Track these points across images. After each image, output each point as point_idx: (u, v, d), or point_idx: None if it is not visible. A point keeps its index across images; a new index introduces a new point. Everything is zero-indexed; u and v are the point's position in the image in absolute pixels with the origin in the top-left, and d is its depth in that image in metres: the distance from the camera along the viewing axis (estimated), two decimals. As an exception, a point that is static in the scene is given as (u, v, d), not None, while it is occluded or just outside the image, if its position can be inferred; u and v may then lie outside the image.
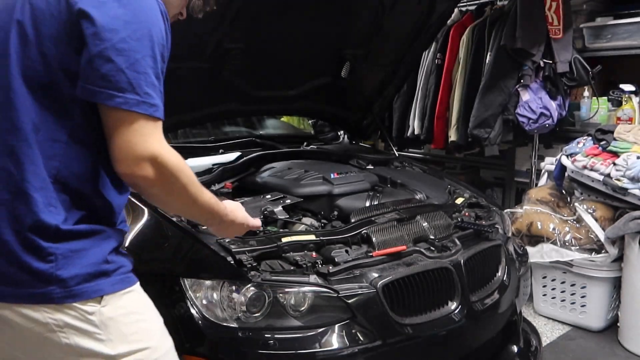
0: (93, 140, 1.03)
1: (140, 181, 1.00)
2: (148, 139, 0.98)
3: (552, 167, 3.04)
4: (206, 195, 1.14)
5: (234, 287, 1.47)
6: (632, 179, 2.54)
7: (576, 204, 2.84)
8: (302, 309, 1.48)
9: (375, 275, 1.57)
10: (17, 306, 0.98)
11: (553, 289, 2.93)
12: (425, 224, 1.83)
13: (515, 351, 1.99)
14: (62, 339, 0.99)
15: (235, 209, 1.30)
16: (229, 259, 1.51)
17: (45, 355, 1.02)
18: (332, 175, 2.10)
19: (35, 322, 0.98)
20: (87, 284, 1.00)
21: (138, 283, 1.13)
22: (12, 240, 0.96)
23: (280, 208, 1.55)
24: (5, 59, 0.99)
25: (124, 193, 1.13)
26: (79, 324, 1.00)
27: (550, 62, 3.08)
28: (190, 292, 1.48)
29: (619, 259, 2.68)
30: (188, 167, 1.06)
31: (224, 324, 1.45)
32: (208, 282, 1.49)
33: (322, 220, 1.96)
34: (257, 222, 1.40)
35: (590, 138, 2.86)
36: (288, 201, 1.56)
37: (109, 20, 0.96)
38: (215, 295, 1.48)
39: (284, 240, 1.61)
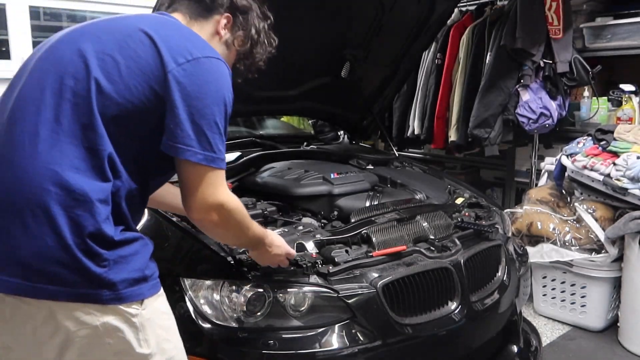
0: (150, 167, 1.18)
1: (207, 224, 1.18)
2: (218, 189, 1.14)
3: (552, 167, 3.04)
4: (255, 227, 1.31)
5: (234, 287, 1.47)
6: (632, 179, 2.54)
7: (576, 204, 2.84)
8: (302, 309, 1.48)
9: (375, 275, 1.58)
10: (67, 305, 1.03)
11: (553, 289, 2.93)
12: (425, 224, 1.83)
13: (515, 351, 1.99)
14: (106, 340, 1.07)
15: (277, 239, 1.42)
16: (229, 259, 1.51)
17: (90, 357, 1.08)
18: (332, 175, 2.10)
19: (85, 325, 1.05)
20: (132, 287, 1.08)
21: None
22: (73, 244, 1.02)
23: (311, 243, 1.56)
24: (89, 100, 1.08)
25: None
26: (123, 325, 1.08)
27: (550, 62, 3.07)
28: (190, 292, 1.48)
29: (619, 259, 2.68)
30: (242, 206, 1.23)
31: (224, 324, 1.45)
32: (208, 282, 1.49)
33: (322, 220, 1.96)
34: (294, 251, 1.49)
35: (590, 138, 2.86)
36: (318, 236, 1.58)
37: (197, 89, 1.11)
38: (215, 295, 1.48)
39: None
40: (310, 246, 1.55)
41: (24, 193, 1.02)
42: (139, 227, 1.70)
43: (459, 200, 2.17)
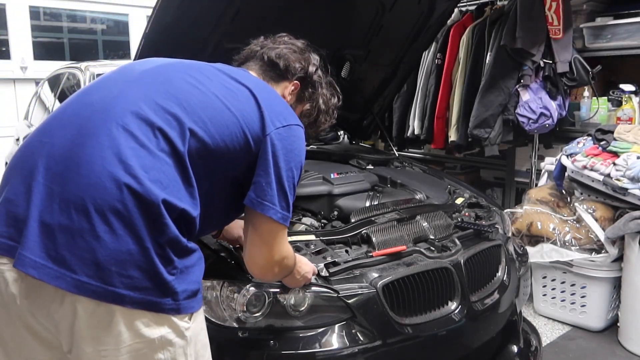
0: (224, 198, 1.25)
1: (268, 276, 1.33)
2: (285, 245, 1.26)
3: (552, 167, 3.04)
4: (296, 263, 1.39)
5: (234, 287, 1.47)
6: (632, 179, 2.54)
7: (576, 204, 2.84)
8: (302, 309, 1.48)
9: (375, 275, 1.58)
10: (132, 312, 1.03)
11: (553, 289, 2.93)
12: (425, 224, 1.83)
13: (515, 351, 1.99)
14: (158, 354, 1.07)
15: (304, 262, 1.46)
16: (229, 259, 1.51)
17: None
18: (332, 175, 2.10)
19: (142, 337, 1.05)
20: (189, 300, 1.10)
21: None
22: (151, 248, 1.03)
23: (322, 266, 1.56)
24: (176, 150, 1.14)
25: None
26: (176, 339, 1.09)
27: (550, 62, 3.08)
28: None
29: (619, 259, 2.68)
30: (293, 253, 1.34)
31: (224, 324, 1.45)
32: (208, 282, 1.49)
33: (322, 220, 1.96)
34: (316, 268, 1.52)
35: (590, 138, 2.86)
36: (329, 258, 1.57)
37: (287, 153, 1.21)
38: (215, 295, 1.48)
39: (284, 240, 1.61)
40: (320, 268, 1.53)
41: (108, 192, 1.02)
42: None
43: (459, 200, 2.18)
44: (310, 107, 1.46)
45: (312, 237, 1.67)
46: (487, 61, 3.21)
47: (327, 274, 1.53)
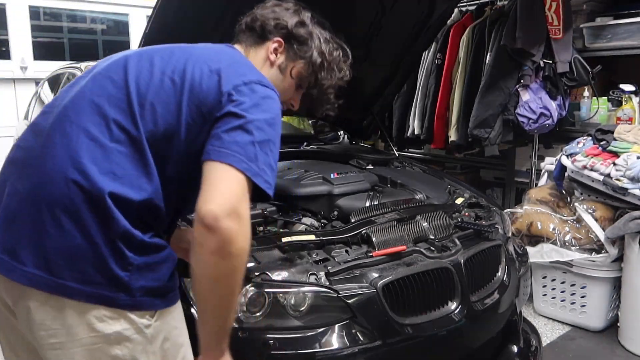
0: (187, 180, 1.15)
1: (221, 231, 1.00)
2: (246, 202, 1.06)
3: (552, 167, 3.04)
4: (235, 309, 1.18)
5: (234, 287, 1.47)
6: (632, 179, 2.54)
7: (576, 204, 2.84)
8: (302, 309, 1.48)
9: (375, 275, 1.57)
10: (83, 306, 1.03)
11: (553, 289, 2.93)
12: (425, 224, 1.83)
13: (515, 351, 1.99)
14: (115, 350, 1.06)
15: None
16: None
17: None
18: (332, 175, 2.10)
19: (96, 332, 1.04)
20: (148, 297, 1.08)
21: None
22: (101, 243, 1.03)
23: (322, 274, 1.54)
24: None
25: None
26: (134, 335, 1.07)
27: (550, 62, 3.08)
28: (190, 292, 1.48)
29: (619, 259, 2.68)
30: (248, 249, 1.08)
31: (224, 324, 1.45)
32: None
33: (322, 220, 1.96)
34: None
35: (590, 138, 2.86)
36: (330, 267, 1.56)
37: (252, 105, 1.11)
38: (215, 295, 1.47)
39: (284, 240, 1.61)
40: (320, 275, 1.53)
41: (57, 189, 1.04)
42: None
43: (459, 200, 2.18)
44: (305, 64, 1.36)
45: (312, 237, 1.67)
46: (487, 61, 3.21)
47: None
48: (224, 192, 1.03)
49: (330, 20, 2.45)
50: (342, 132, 3.22)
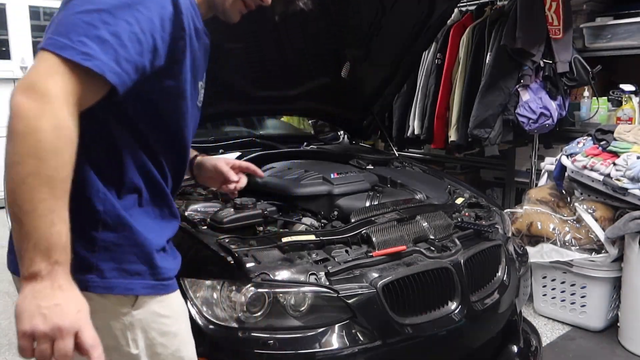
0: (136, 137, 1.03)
1: (12, 108, 0.81)
2: (55, 82, 0.83)
3: (552, 167, 3.04)
4: (62, 216, 0.84)
5: (234, 287, 1.47)
6: (632, 179, 2.54)
7: (576, 204, 2.84)
8: (302, 309, 1.48)
9: (375, 275, 1.57)
10: None
11: (553, 289, 2.93)
12: (425, 224, 1.83)
13: (515, 351, 1.99)
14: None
15: (74, 296, 0.87)
16: (229, 259, 1.51)
17: None
18: (332, 175, 2.10)
19: None
20: (121, 279, 1.00)
21: (177, 291, 1.14)
22: (71, 220, 0.87)
23: (322, 274, 1.53)
24: None
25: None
26: (113, 322, 1.02)
27: (550, 62, 3.08)
28: (190, 292, 1.48)
29: (619, 259, 2.68)
30: (67, 152, 0.84)
31: (224, 324, 1.45)
32: (208, 282, 1.49)
33: (322, 220, 1.96)
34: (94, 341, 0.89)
35: (590, 138, 2.86)
36: (330, 267, 1.55)
37: None
38: (215, 295, 1.48)
39: (284, 240, 1.61)
40: (321, 275, 1.53)
41: None
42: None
43: (459, 200, 2.17)
44: None
45: (312, 237, 1.67)
46: (487, 61, 3.21)
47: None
48: (27, 73, 0.85)
49: (331, 20, 2.46)
50: (342, 132, 3.22)
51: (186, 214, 1.79)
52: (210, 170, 1.52)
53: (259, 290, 1.46)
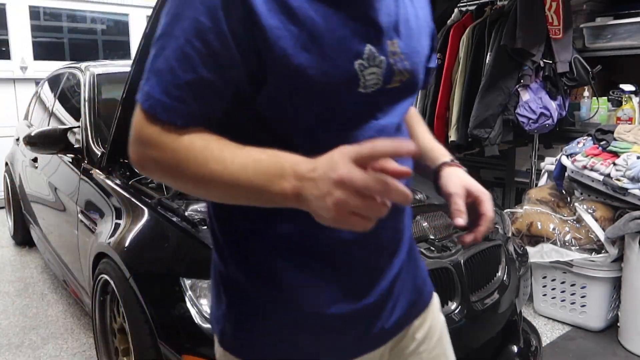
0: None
1: (131, 158, 0.78)
2: (151, 128, 0.74)
3: (552, 167, 3.04)
4: (237, 161, 0.71)
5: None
6: (632, 179, 2.54)
7: (576, 204, 2.84)
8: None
9: (375, 275, 1.57)
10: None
11: (553, 289, 2.93)
12: (425, 224, 1.83)
13: (515, 351, 1.99)
14: None
15: (327, 162, 0.67)
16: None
17: None
18: (332, 175, 2.09)
19: None
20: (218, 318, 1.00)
21: None
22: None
23: None
24: None
25: None
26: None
27: (550, 62, 3.08)
28: (190, 292, 1.48)
29: (619, 259, 2.68)
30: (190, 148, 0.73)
31: (224, 324, 1.45)
32: (208, 282, 1.49)
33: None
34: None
35: (590, 138, 2.86)
36: None
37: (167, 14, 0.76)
38: (215, 295, 1.47)
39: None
40: None
41: None
42: (138, 226, 1.69)
43: (459, 200, 2.17)
44: None
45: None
46: (487, 61, 3.22)
47: None
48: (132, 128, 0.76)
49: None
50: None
51: (186, 214, 1.79)
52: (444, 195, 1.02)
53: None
